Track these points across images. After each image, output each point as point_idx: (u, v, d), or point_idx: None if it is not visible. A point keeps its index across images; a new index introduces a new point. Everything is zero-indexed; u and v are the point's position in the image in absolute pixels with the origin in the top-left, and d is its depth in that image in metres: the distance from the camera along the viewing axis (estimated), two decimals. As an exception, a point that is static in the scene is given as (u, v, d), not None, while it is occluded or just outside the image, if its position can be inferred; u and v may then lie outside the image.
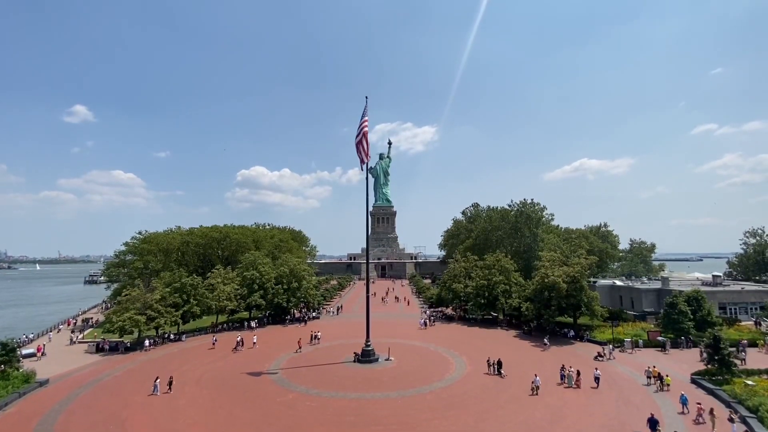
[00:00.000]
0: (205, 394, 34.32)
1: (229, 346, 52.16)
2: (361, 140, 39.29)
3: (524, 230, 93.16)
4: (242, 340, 52.40)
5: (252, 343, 52.82)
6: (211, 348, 51.53)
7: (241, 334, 56.86)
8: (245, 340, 54.18)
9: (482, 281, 68.49)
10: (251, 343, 53.06)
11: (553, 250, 76.34)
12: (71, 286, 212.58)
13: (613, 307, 72.70)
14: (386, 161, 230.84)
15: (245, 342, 53.23)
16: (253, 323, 63.77)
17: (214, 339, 54.37)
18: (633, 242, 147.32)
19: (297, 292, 70.77)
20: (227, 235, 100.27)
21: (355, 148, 40.27)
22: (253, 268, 72.88)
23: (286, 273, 71.87)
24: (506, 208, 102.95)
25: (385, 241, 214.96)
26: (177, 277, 61.97)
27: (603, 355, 45.60)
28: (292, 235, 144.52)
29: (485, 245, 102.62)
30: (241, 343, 51.60)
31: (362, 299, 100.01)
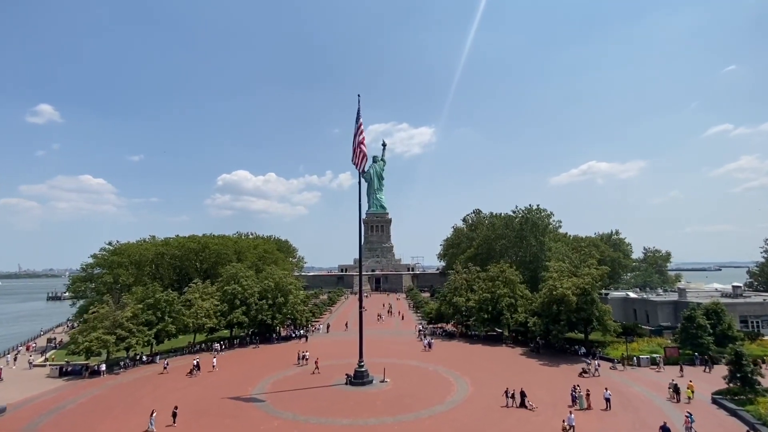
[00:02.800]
0: (180, 422, 33.76)
1: (202, 369, 50.76)
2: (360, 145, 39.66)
3: (530, 238, 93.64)
4: (198, 363, 50.45)
5: (212, 366, 51.21)
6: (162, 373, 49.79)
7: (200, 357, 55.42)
8: (205, 363, 52.37)
9: (485, 294, 68.52)
10: (210, 366, 51.29)
11: (562, 260, 76.72)
12: (32, 303, 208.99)
13: (627, 321, 73.02)
14: (380, 164, 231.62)
15: (204, 366, 51.30)
16: (218, 345, 62.40)
17: (166, 363, 52.37)
18: (647, 251, 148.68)
19: (283, 308, 70.24)
20: (206, 245, 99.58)
21: (353, 152, 40.48)
22: (234, 281, 72.35)
23: (271, 287, 71.44)
24: (510, 215, 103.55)
25: (380, 252, 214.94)
26: (150, 292, 61.27)
27: (587, 371, 45.82)
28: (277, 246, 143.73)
29: (488, 255, 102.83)
30: (197, 367, 49.82)
31: (355, 315, 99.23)
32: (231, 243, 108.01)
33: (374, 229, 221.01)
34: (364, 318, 49.09)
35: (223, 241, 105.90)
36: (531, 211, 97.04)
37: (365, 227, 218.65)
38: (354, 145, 40.49)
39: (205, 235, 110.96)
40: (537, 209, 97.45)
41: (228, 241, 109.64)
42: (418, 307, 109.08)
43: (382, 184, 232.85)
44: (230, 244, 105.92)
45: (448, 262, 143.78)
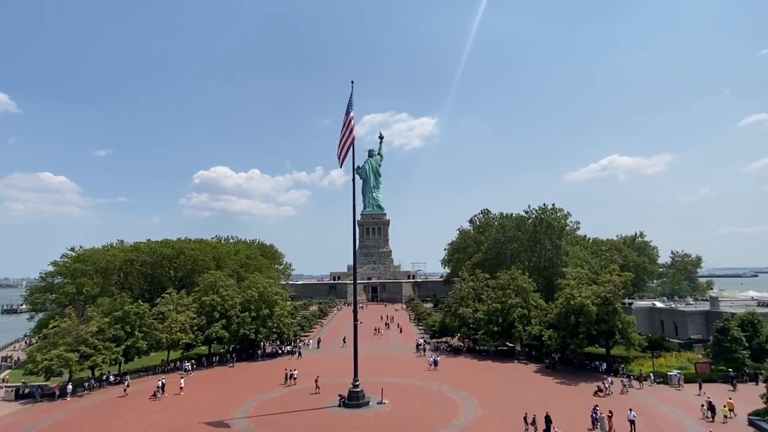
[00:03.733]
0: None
1: (170, 391, 50.34)
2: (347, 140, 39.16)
3: (544, 242, 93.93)
4: (163, 384, 49.92)
5: (179, 388, 50.64)
6: (122, 396, 49.46)
7: (167, 377, 54.88)
8: (172, 384, 51.75)
9: (495, 304, 68.63)
10: (178, 388, 50.72)
11: (580, 266, 77.02)
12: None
13: (653, 333, 73.24)
14: (377, 159, 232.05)
15: (169, 387, 50.75)
16: (188, 364, 61.92)
17: (126, 384, 51.87)
18: (675, 255, 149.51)
19: (268, 321, 70.17)
20: (181, 251, 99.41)
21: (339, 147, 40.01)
22: (213, 291, 72.23)
23: (255, 297, 71.43)
24: (523, 215, 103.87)
25: (377, 257, 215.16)
26: (118, 304, 61.04)
27: (603, 390, 45.98)
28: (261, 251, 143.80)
29: (498, 260, 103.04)
30: (161, 389, 49.32)
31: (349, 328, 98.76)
32: (209, 248, 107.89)
33: (370, 231, 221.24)
34: (360, 332, 49.00)
35: (200, 246, 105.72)
36: (545, 211, 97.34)
37: (360, 230, 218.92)
38: (341, 138, 40.04)
39: (180, 240, 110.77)
40: (552, 209, 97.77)
41: (206, 246, 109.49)
42: (419, 319, 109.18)
43: (378, 181, 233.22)
44: (208, 250, 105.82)
45: (454, 269, 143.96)
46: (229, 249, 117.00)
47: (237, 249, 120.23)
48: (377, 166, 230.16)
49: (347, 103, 40.12)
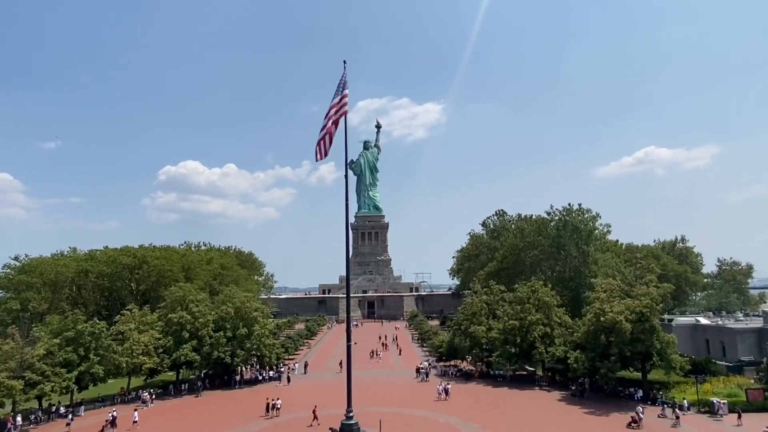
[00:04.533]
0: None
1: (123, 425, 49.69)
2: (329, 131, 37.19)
3: (570, 248, 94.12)
4: (114, 418, 49.30)
5: (132, 422, 50.09)
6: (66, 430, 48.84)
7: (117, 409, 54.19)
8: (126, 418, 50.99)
9: (512, 321, 68.75)
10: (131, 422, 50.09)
11: (611, 276, 77.11)
12: None
13: (697, 355, 73.44)
14: (373, 152, 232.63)
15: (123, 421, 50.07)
16: (146, 394, 61.27)
17: (71, 417, 51.14)
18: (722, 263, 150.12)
19: (246, 342, 70.17)
20: (144, 260, 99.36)
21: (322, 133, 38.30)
22: (181, 307, 72.18)
23: (231, 314, 71.41)
24: (544, 218, 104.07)
25: (374, 266, 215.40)
26: (70, 322, 60.88)
27: (638, 421, 46.16)
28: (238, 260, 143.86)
29: (515, 270, 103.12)
30: (112, 423, 48.75)
31: (341, 350, 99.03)
32: (177, 257, 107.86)
33: (366, 236, 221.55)
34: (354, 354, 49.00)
35: (166, 255, 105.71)
36: (571, 212, 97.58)
37: (354, 235, 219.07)
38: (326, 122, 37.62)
39: (142, 247, 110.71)
40: (578, 210, 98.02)
41: (173, 254, 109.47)
42: (424, 339, 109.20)
43: (376, 177, 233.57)
44: (176, 259, 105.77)
45: (464, 280, 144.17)
46: (201, 258, 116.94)
47: (210, 258, 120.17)
48: (374, 161, 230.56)
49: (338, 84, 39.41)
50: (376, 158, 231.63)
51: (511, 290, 78.63)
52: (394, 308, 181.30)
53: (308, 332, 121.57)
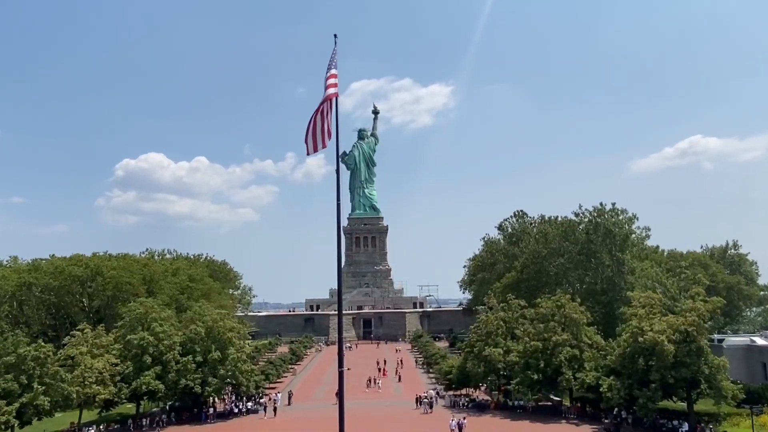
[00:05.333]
0: None
1: None
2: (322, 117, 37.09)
3: (602, 255, 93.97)
4: None
5: None
6: None
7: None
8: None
9: (535, 342, 68.57)
10: None
11: (651, 288, 76.98)
12: None
13: (753, 381, 73.22)
14: (370, 142, 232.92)
15: None
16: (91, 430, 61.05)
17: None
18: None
19: (219, 368, 69.94)
20: (99, 271, 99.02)
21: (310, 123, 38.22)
22: (143, 327, 71.83)
23: (201, 335, 71.17)
24: (572, 220, 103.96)
25: (371, 278, 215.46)
26: (10, 345, 60.43)
27: None
28: (210, 270, 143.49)
29: (538, 281, 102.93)
30: None
31: (331, 377, 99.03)
32: (137, 267, 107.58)
33: (362, 242, 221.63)
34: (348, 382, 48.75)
35: (124, 265, 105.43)
36: (603, 214, 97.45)
37: (348, 240, 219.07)
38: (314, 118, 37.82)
39: (96, 255, 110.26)
40: (612, 210, 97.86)
41: (133, 264, 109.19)
42: (430, 363, 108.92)
43: (372, 172, 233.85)
44: (136, 269, 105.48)
45: (477, 294, 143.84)
46: (165, 268, 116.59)
47: (176, 268, 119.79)
48: (370, 152, 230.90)
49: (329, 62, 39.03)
50: (372, 149, 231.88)
51: (533, 305, 78.39)
52: (394, 327, 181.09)
53: (293, 356, 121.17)
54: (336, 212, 46.63)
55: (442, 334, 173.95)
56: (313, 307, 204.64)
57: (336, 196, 45.50)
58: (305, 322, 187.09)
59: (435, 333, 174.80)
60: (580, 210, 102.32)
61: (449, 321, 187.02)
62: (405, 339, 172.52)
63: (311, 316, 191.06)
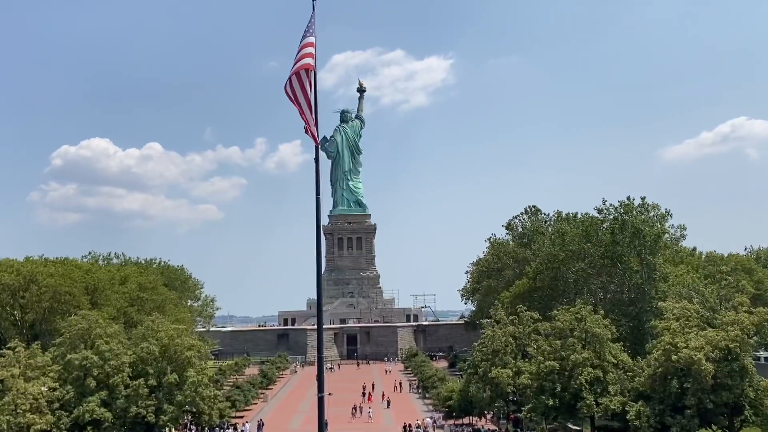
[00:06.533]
0: None
1: None
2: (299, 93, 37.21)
3: (629, 259, 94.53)
4: None
5: None
6: None
7: None
8: None
9: (550, 362, 68.75)
10: None
11: (687, 298, 77.53)
12: None
13: (805, 406, 74.10)
14: (354, 126, 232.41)
15: None
16: None
17: None
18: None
19: (177, 393, 69.84)
20: (33, 278, 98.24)
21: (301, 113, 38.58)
22: (86, 345, 71.64)
23: (155, 354, 71.07)
24: (594, 217, 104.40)
25: (356, 286, 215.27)
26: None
27: None
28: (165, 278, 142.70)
29: (554, 290, 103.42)
30: None
31: (310, 404, 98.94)
32: (79, 274, 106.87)
33: (345, 244, 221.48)
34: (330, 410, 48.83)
35: (64, 271, 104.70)
36: (630, 210, 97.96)
37: (329, 242, 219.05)
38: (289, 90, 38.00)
39: (30, 260, 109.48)
40: (642, 206, 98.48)
41: (73, 270, 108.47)
42: (426, 387, 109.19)
43: (358, 161, 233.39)
44: (77, 277, 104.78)
45: (481, 305, 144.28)
46: (112, 275, 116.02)
47: (125, 275, 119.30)
48: (355, 138, 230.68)
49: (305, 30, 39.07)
50: (358, 134, 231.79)
51: (548, 318, 78.66)
52: (384, 344, 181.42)
53: (264, 379, 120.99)
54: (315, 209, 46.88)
55: (441, 352, 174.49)
56: (288, 321, 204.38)
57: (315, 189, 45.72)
58: (278, 339, 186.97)
59: (432, 351, 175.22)
60: (603, 206, 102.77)
61: (449, 337, 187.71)
62: (396, 358, 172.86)
63: (285, 332, 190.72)
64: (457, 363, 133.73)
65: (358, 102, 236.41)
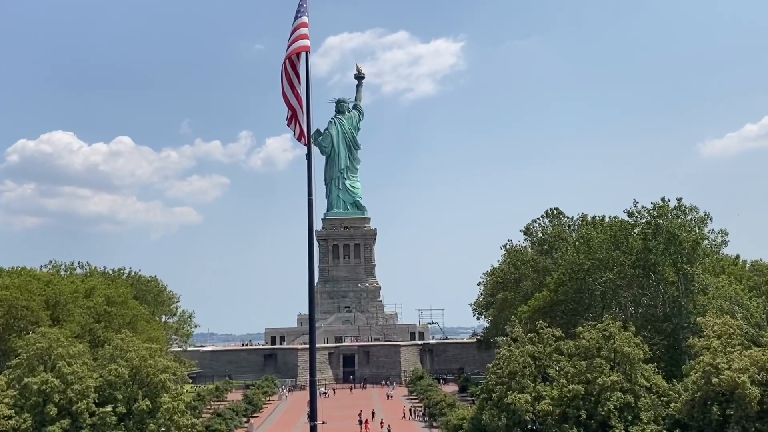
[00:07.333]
0: None
1: None
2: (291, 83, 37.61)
3: (664, 268, 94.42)
4: None
5: None
6: None
7: None
8: None
9: (574, 386, 68.82)
10: None
11: (729, 313, 77.49)
12: None
13: None
14: (352, 118, 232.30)
15: None
16: None
17: None
18: None
19: (149, 422, 69.86)
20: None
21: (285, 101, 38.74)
22: (45, 366, 71.60)
23: (124, 377, 71.07)
24: (623, 221, 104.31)
25: (353, 300, 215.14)
26: None
27: None
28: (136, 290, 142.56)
29: (578, 303, 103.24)
30: None
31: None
32: (38, 286, 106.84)
33: (341, 252, 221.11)
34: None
35: (20, 283, 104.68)
36: (665, 213, 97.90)
37: (323, 249, 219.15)
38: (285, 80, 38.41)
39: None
40: (678, 208, 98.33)
41: (32, 281, 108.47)
42: (434, 414, 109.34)
43: (356, 158, 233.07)
44: (36, 289, 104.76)
45: (496, 320, 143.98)
46: (76, 287, 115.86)
47: (90, 287, 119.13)
48: (353, 131, 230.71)
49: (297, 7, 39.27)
50: (356, 127, 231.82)
51: (572, 336, 78.65)
52: (385, 366, 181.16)
53: (249, 406, 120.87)
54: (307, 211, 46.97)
55: (450, 374, 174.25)
56: (276, 340, 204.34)
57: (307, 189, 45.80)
58: (265, 360, 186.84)
59: (440, 373, 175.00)
60: (634, 208, 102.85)
61: (459, 357, 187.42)
62: (400, 381, 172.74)
63: (273, 352, 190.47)
64: (469, 387, 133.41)
65: (356, 90, 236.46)
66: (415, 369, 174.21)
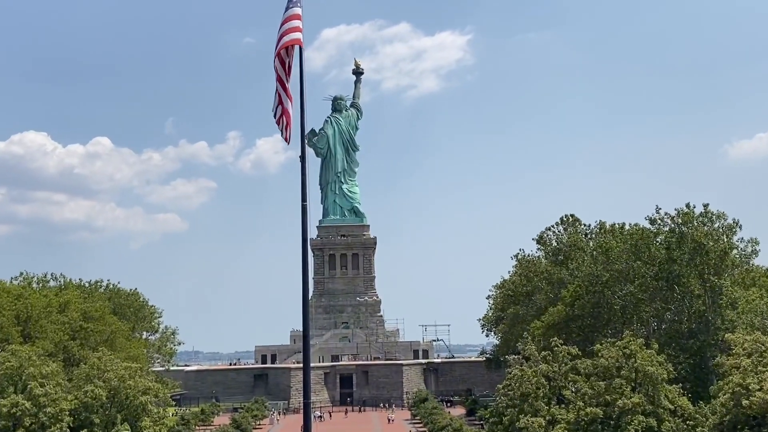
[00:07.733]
0: None
1: None
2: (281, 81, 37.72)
3: (689, 280, 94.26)
4: None
5: None
6: None
7: None
8: None
9: (592, 408, 68.75)
10: None
11: (760, 328, 77.37)
12: None
13: None
14: (349, 117, 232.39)
15: None
16: None
17: None
18: None
19: (129, 448, 69.67)
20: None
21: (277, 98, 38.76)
22: (15, 387, 71.64)
23: (102, 400, 71.24)
24: (645, 228, 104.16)
25: (351, 315, 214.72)
26: None
27: None
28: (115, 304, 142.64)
29: (596, 319, 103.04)
30: None
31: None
32: (8, 299, 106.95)
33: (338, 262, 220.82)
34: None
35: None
36: (691, 220, 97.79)
37: (318, 259, 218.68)
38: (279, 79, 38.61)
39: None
40: (705, 215, 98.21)
41: (1, 294, 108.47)
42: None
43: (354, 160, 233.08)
44: (6, 303, 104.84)
45: (506, 337, 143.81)
46: (49, 301, 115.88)
47: (64, 301, 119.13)
48: (351, 131, 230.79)
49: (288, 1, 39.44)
50: (354, 127, 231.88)
51: (589, 354, 78.52)
52: (386, 386, 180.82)
53: (237, 430, 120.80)
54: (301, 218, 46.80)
55: (457, 396, 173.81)
56: (267, 359, 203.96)
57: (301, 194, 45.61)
58: (255, 381, 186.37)
59: (446, 395, 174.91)
60: (657, 214, 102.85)
61: (466, 377, 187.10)
62: (402, 403, 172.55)
63: (264, 372, 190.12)
64: (477, 410, 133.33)
65: (354, 87, 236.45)
66: (419, 390, 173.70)
